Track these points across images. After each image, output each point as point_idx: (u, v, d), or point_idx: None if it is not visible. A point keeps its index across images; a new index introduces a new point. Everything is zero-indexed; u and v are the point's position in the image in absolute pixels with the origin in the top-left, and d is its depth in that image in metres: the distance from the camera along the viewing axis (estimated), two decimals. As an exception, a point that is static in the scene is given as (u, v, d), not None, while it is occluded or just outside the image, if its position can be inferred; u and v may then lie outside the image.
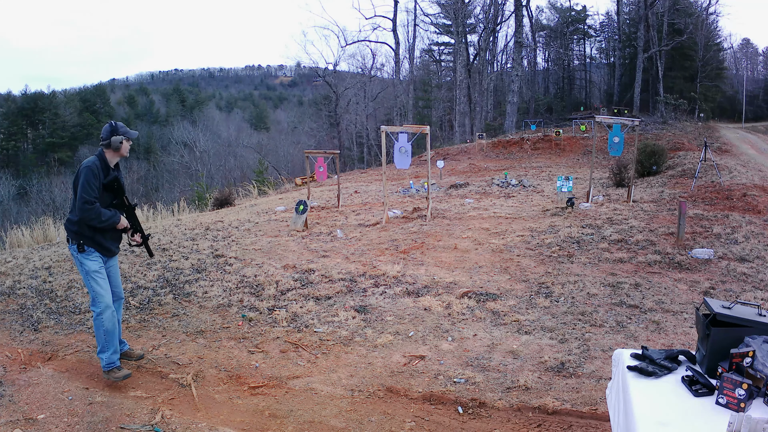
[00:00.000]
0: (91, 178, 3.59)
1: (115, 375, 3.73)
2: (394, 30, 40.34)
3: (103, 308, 3.72)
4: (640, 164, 14.85)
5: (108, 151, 3.75)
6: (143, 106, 78.10)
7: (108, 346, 3.73)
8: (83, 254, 3.75)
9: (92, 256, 3.77)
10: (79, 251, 3.74)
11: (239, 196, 21.07)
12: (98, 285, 3.74)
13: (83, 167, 3.62)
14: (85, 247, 3.74)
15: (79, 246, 3.73)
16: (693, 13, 38.31)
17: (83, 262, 3.76)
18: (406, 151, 9.51)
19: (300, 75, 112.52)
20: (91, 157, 3.74)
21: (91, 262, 3.77)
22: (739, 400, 1.82)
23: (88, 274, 3.74)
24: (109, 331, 3.72)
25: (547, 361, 3.94)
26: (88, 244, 3.75)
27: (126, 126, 3.88)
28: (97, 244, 3.79)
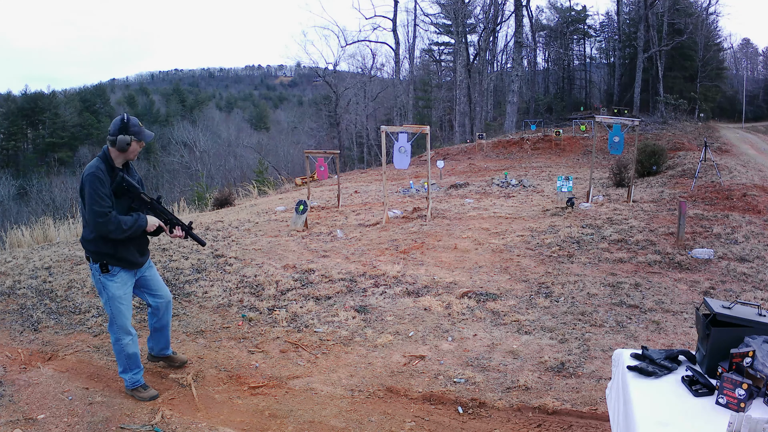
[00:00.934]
0: (97, 186, 3.12)
1: (140, 395, 3.49)
2: (394, 30, 40.36)
3: (122, 335, 3.41)
4: (640, 164, 14.84)
5: (113, 149, 3.23)
6: (143, 106, 78.08)
7: (131, 367, 3.48)
8: (107, 276, 3.31)
9: (117, 278, 3.34)
10: (102, 272, 3.30)
11: (239, 196, 21.08)
12: (120, 312, 3.37)
13: (86, 175, 3.15)
14: (110, 267, 3.30)
15: (102, 267, 3.28)
16: (693, 13, 38.31)
17: (106, 286, 3.33)
18: (405, 151, 9.51)
19: (300, 75, 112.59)
20: (93, 161, 3.25)
21: (116, 286, 3.34)
22: (739, 400, 1.82)
23: (111, 300, 3.34)
24: (131, 355, 3.45)
25: (547, 361, 3.94)
26: (113, 263, 3.30)
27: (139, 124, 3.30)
28: (123, 261, 3.34)
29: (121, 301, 3.37)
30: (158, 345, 3.93)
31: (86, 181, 3.13)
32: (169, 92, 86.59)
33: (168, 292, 3.77)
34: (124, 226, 3.18)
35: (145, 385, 3.56)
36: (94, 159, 3.26)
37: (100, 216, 3.11)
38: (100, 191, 3.12)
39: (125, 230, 3.19)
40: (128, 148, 3.22)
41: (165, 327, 3.82)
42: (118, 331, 3.41)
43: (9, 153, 56.73)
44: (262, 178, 27.10)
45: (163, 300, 3.70)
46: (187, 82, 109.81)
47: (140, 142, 3.28)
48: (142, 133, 3.27)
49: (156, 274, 3.70)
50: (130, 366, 3.48)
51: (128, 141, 3.21)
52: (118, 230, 3.17)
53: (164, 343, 3.93)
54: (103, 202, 3.13)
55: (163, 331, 3.85)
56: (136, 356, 3.49)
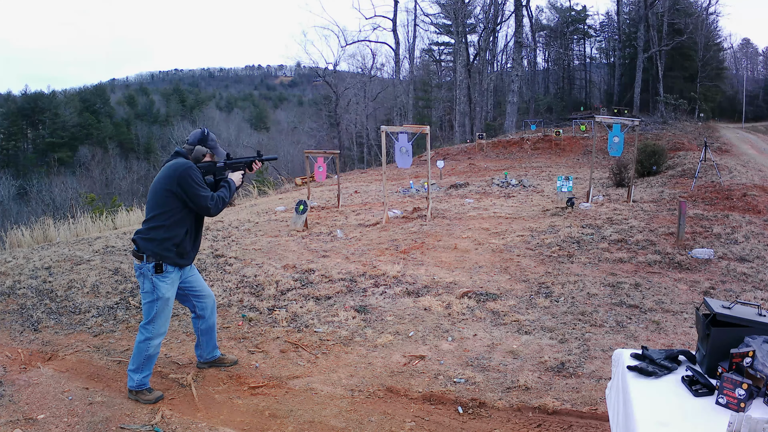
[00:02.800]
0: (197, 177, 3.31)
1: (145, 397, 3.46)
2: (394, 30, 40.37)
3: (155, 336, 3.42)
4: (640, 164, 14.84)
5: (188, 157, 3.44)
6: (143, 106, 78.11)
7: (144, 369, 3.47)
8: (160, 276, 3.32)
9: (169, 278, 3.37)
10: (157, 272, 3.31)
11: (239, 196, 21.06)
12: (163, 313, 3.41)
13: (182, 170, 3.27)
14: (164, 266, 3.33)
15: (157, 266, 3.30)
16: (693, 13, 38.32)
17: (158, 286, 3.33)
18: (407, 151, 9.52)
19: (300, 75, 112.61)
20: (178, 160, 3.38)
21: (167, 287, 3.37)
22: (739, 400, 1.82)
23: (159, 300, 3.35)
24: (151, 356, 3.46)
25: (547, 361, 3.94)
26: (169, 262, 3.34)
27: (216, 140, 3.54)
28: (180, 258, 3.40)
29: (168, 303, 3.42)
30: (207, 349, 3.92)
31: (185, 174, 3.27)
32: (169, 92, 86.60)
33: (211, 291, 3.80)
34: (227, 198, 3.44)
35: (150, 388, 3.55)
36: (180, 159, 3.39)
37: (210, 200, 3.33)
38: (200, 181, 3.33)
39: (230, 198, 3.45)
40: (202, 159, 3.44)
41: (212, 328, 3.83)
42: (154, 331, 3.41)
43: (9, 153, 56.73)
44: (262, 178, 27.09)
45: (209, 299, 3.74)
46: (187, 82, 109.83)
47: (213, 156, 3.50)
48: (216, 149, 3.52)
49: (198, 274, 3.74)
50: (143, 366, 3.46)
51: (204, 153, 3.43)
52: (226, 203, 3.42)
53: (212, 346, 3.92)
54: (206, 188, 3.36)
55: (211, 333, 3.85)
56: (154, 359, 3.50)
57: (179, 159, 3.37)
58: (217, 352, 3.98)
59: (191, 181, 3.27)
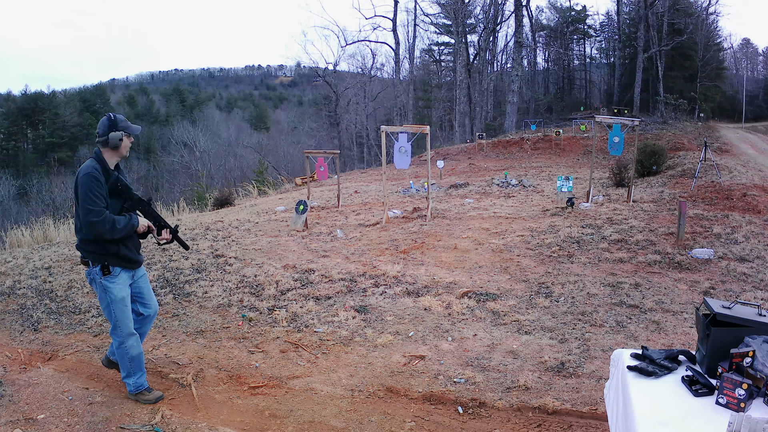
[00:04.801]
0: (93, 186, 3.09)
1: (144, 398, 3.44)
2: (394, 30, 40.36)
3: (125, 337, 3.34)
4: (640, 164, 14.84)
5: (106, 150, 3.23)
6: (143, 106, 78.14)
7: (135, 371, 3.42)
8: (108, 278, 3.24)
9: (118, 280, 3.29)
10: (104, 274, 3.23)
11: (239, 196, 21.08)
12: (123, 314, 3.31)
13: (82, 175, 3.13)
14: (111, 268, 3.24)
15: (103, 268, 3.22)
16: (693, 13, 38.31)
17: (108, 289, 3.25)
18: (406, 151, 9.52)
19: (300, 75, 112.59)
20: (87, 162, 3.22)
21: (118, 288, 3.28)
22: (739, 400, 1.82)
23: (113, 302, 3.28)
24: (134, 357, 3.40)
25: (547, 361, 3.94)
26: (114, 263, 3.25)
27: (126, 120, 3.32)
28: (124, 260, 3.29)
29: (124, 303, 3.32)
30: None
31: (81, 181, 3.11)
32: (169, 92, 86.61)
33: (156, 304, 3.68)
34: (118, 226, 3.15)
35: (149, 388, 3.51)
36: (88, 160, 3.24)
37: (95, 215, 3.07)
38: (95, 191, 3.10)
39: (119, 230, 3.15)
40: (121, 143, 3.24)
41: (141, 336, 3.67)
42: (122, 335, 3.34)
43: (9, 153, 56.72)
44: (262, 178, 27.10)
45: (152, 310, 3.62)
46: (187, 82, 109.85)
47: (130, 137, 3.31)
48: (129, 128, 3.30)
49: (148, 282, 3.63)
50: (134, 369, 3.42)
51: (120, 137, 3.22)
52: (113, 230, 3.13)
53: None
54: (99, 201, 3.10)
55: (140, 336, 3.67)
56: (140, 357, 3.43)
57: (86, 162, 3.23)
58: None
59: (85, 188, 3.09)
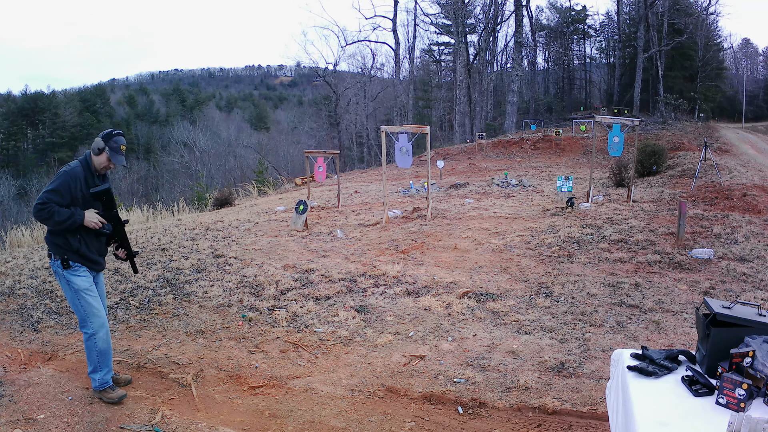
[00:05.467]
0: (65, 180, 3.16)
1: (108, 396, 3.43)
2: (394, 30, 40.37)
3: (97, 328, 3.35)
4: (640, 164, 14.84)
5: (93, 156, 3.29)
6: (143, 106, 78.15)
7: (102, 366, 3.41)
8: (69, 271, 3.31)
9: (80, 272, 3.34)
10: (64, 268, 3.29)
11: (239, 196, 21.07)
12: (89, 304, 3.34)
13: (61, 171, 3.21)
14: (71, 263, 3.30)
15: (63, 262, 3.28)
16: (693, 13, 38.33)
17: (70, 280, 3.32)
18: (407, 151, 9.52)
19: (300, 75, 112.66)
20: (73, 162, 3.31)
21: (80, 278, 3.33)
22: (739, 400, 1.82)
23: (78, 292, 3.32)
24: (102, 351, 3.39)
25: (547, 361, 3.94)
26: (74, 259, 3.31)
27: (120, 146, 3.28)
28: (84, 258, 3.34)
29: (89, 292, 3.33)
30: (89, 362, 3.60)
31: (58, 173, 3.19)
32: (169, 92, 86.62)
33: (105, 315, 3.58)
34: (57, 218, 3.13)
35: (113, 386, 3.49)
36: (74, 161, 3.31)
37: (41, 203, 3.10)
38: (63, 185, 3.13)
39: (58, 221, 3.14)
40: (99, 155, 3.25)
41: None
42: (92, 325, 3.34)
43: (9, 153, 56.74)
44: (262, 178, 27.09)
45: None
46: (187, 82, 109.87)
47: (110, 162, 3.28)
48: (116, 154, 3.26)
49: (104, 289, 3.62)
50: (101, 364, 3.40)
51: (101, 147, 3.23)
52: (50, 219, 3.13)
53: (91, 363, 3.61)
54: (55, 195, 3.12)
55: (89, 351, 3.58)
56: (107, 353, 3.42)
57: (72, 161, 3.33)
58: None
59: (55, 178, 3.18)
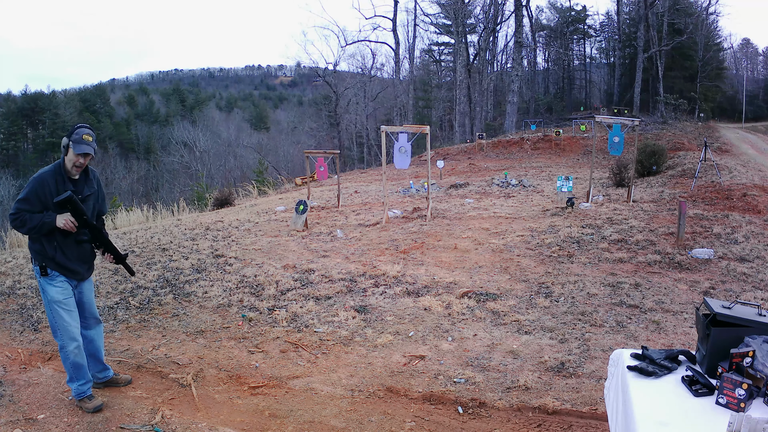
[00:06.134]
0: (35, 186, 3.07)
1: (86, 405, 3.33)
2: (394, 30, 40.35)
3: (66, 342, 3.24)
4: (640, 164, 14.84)
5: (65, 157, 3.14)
6: (143, 106, 78.17)
7: (77, 378, 3.32)
8: (46, 278, 3.19)
9: (56, 282, 3.21)
10: (42, 275, 3.18)
11: (239, 196, 21.07)
12: (60, 317, 3.21)
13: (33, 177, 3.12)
14: (48, 270, 3.18)
15: (41, 269, 3.17)
16: (693, 13, 38.35)
17: (45, 289, 3.21)
18: (406, 151, 9.52)
19: (300, 75, 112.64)
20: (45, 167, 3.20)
21: (55, 289, 3.20)
22: (739, 400, 1.82)
23: (51, 303, 3.20)
24: (76, 364, 3.29)
25: (547, 361, 3.94)
26: (52, 267, 3.19)
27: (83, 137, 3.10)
28: (61, 267, 3.21)
29: (61, 305, 3.21)
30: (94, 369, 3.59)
31: (29, 181, 3.11)
32: (169, 92, 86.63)
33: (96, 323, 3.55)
34: (30, 224, 3.06)
35: (90, 395, 3.39)
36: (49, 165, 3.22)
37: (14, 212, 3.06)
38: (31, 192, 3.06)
39: (31, 228, 3.07)
40: (66, 153, 3.12)
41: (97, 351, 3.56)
42: (62, 338, 3.24)
43: (9, 153, 56.76)
44: (262, 178, 27.08)
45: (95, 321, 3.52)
46: (187, 82, 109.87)
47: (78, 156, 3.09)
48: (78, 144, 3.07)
49: (92, 295, 3.52)
50: (76, 376, 3.32)
51: (65, 144, 3.12)
52: (24, 228, 3.08)
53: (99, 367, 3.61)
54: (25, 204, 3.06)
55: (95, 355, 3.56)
56: (82, 367, 3.33)
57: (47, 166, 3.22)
58: (109, 371, 3.67)
59: (27, 186, 3.10)
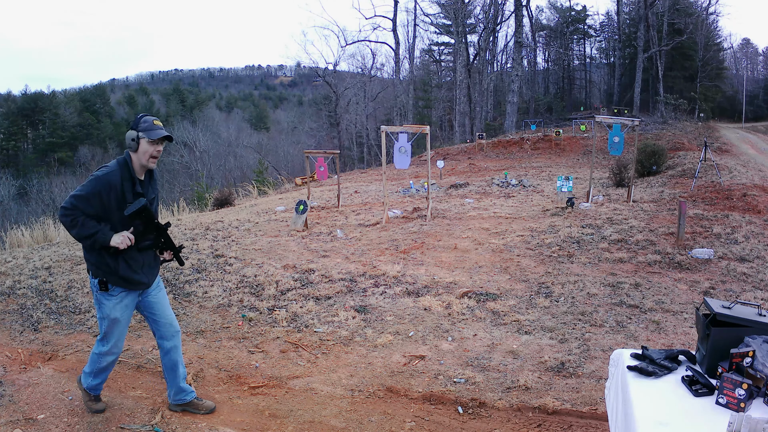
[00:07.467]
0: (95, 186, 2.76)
1: (90, 404, 3.28)
2: (394, 30, 40.36)
3: (107, 353, 3.09)
4: (640, 164, 14.84)
5: (132, 153, 2.86)
6: (143, 106, 78.16)
7: (96, 376, 3.21)
8: (105, 294, 2.92)
9: (115, 300, 2.95)
10: (101, 290, 2.90)
11: (239, 196, 21.07)
12: (112, 333, 3.03)
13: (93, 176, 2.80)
14: (109, 286, 2.90)
15: (101, 284, 2.89)
16: (693, 13, 38.35)
17: (103, 305, 2.95)
18: (406, 151, 9.52)
19: (300, 75, 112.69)
20: (111, 163, 2.87)
21: (113, 307, 2.94)
22: (739, 400, 1.82)
23: (104, 320, 2.99)
24: (103, 369, 3.17)
25: (547, 361, 3.94)
26: (114, 282, 2.90)
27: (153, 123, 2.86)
28: (125, 281, 2.92)
29: (117, 324, 3.02)
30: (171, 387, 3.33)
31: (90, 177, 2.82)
32: (169, 92, 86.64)
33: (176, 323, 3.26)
34: (81, 231, 2.73)
35: (98, 397, 3.31)
36: (112, 162, 2.88)
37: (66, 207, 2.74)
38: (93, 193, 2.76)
39: (80, 236, 2.76)
40: (137, 146, 2.84)
41: (174, 366, 3.26)
42: (105, 348, 3.08)
43: (9, 153, 56.74)
44: (262, 178, 27.09)
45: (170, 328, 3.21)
46: (187, 82, 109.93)
47: (153, 143, 2.84)
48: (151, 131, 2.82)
49: (165, 300, 3.22)
50: (95, 374, 3.20)
51: (133, 137, 2.83)
52: (73, 229, 2.75)
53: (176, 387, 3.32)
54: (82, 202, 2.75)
55: (173, 371, 3.27)
56: (106, 371, 3.23)
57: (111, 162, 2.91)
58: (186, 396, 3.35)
59: (86, 182, 2.80)
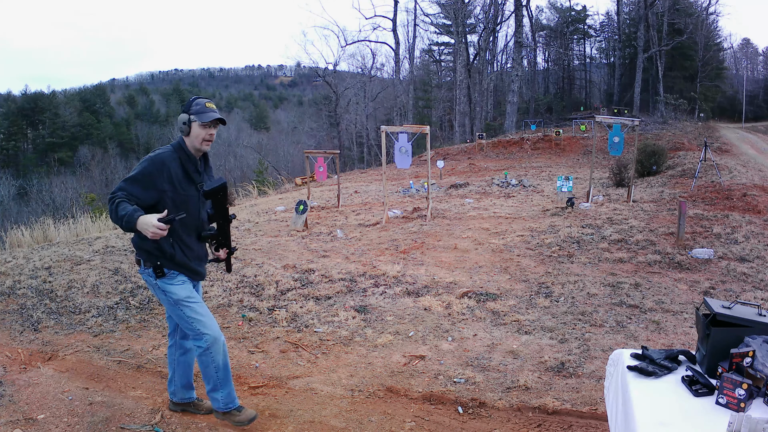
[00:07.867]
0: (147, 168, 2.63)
1: (236, 419, 2.93)
2: (394, 30, 40.38)
3: (211, 341, 2.80)
4: (640, 164, 14.85)
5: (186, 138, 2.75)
6: (143, 106, 78.19)
7: (222, 384, 2.90)
8: (164, 279, 2.77)
9: (177, 279, 2.80)
10: (158, 277, 2.75)
11: (239, 196, 21.07)
12: (196, 313, 2.79)
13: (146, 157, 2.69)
14: (165, 270, 2.76)
15: (156, 270, 2.74)
16: (693, 13, 38.36)
17: (167, 290, 2.78)
18: (406, 151, 9.52)
19: (300, 75, 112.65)
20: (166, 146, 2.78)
21: (178, 287, 2.79)
22: (739, 400, 1.82)
23: (178, 303, 2.77)
24: (220, 366, 2.86)
25: (547, 361, 3.94)
26: (169, 267, 2.77)
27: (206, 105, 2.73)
28: (181, 266, 2.81)
29: (191, 300, 2.80)
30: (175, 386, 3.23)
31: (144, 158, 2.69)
32: (169, 92, 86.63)
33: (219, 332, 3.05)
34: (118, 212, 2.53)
35: (240, 406, 2.99)
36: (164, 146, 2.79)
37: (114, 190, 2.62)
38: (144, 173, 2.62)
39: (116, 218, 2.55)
40: (188, 130, 2.72)
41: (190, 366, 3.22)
42: (203, 338, 2.80)
43: (9, 153, 56.75)
44: (262, 178, 27.11)
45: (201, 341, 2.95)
46: (187, 82, 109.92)
47: (205, 126, 2.70)
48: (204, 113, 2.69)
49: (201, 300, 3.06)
50: (221, 381, 2.88)
51: (184, 120, 2.71)
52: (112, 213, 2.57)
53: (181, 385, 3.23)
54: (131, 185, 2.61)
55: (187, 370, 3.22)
56: (227, 367, 2.92)
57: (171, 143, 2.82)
58: (192, 392, 3.30)
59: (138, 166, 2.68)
